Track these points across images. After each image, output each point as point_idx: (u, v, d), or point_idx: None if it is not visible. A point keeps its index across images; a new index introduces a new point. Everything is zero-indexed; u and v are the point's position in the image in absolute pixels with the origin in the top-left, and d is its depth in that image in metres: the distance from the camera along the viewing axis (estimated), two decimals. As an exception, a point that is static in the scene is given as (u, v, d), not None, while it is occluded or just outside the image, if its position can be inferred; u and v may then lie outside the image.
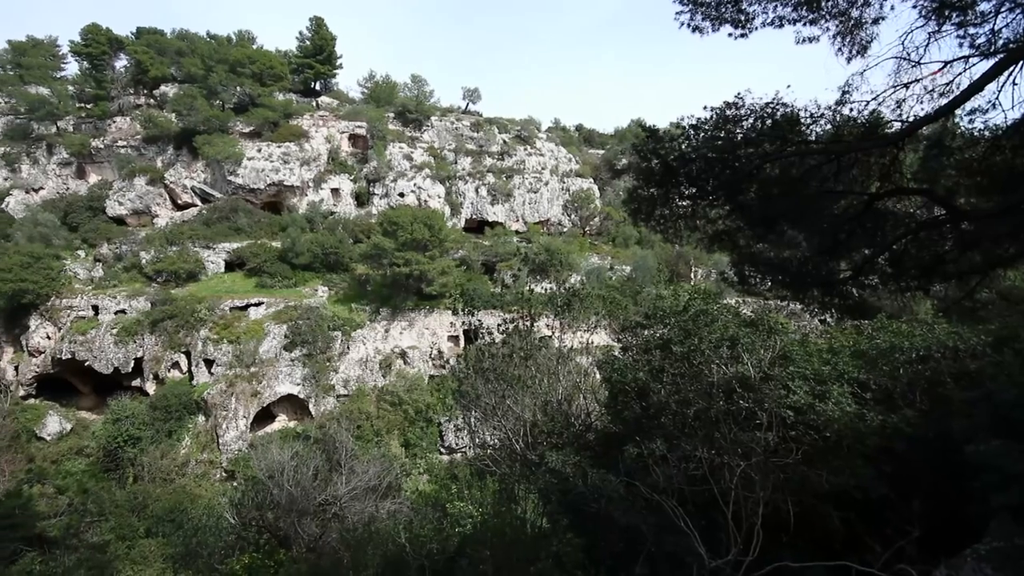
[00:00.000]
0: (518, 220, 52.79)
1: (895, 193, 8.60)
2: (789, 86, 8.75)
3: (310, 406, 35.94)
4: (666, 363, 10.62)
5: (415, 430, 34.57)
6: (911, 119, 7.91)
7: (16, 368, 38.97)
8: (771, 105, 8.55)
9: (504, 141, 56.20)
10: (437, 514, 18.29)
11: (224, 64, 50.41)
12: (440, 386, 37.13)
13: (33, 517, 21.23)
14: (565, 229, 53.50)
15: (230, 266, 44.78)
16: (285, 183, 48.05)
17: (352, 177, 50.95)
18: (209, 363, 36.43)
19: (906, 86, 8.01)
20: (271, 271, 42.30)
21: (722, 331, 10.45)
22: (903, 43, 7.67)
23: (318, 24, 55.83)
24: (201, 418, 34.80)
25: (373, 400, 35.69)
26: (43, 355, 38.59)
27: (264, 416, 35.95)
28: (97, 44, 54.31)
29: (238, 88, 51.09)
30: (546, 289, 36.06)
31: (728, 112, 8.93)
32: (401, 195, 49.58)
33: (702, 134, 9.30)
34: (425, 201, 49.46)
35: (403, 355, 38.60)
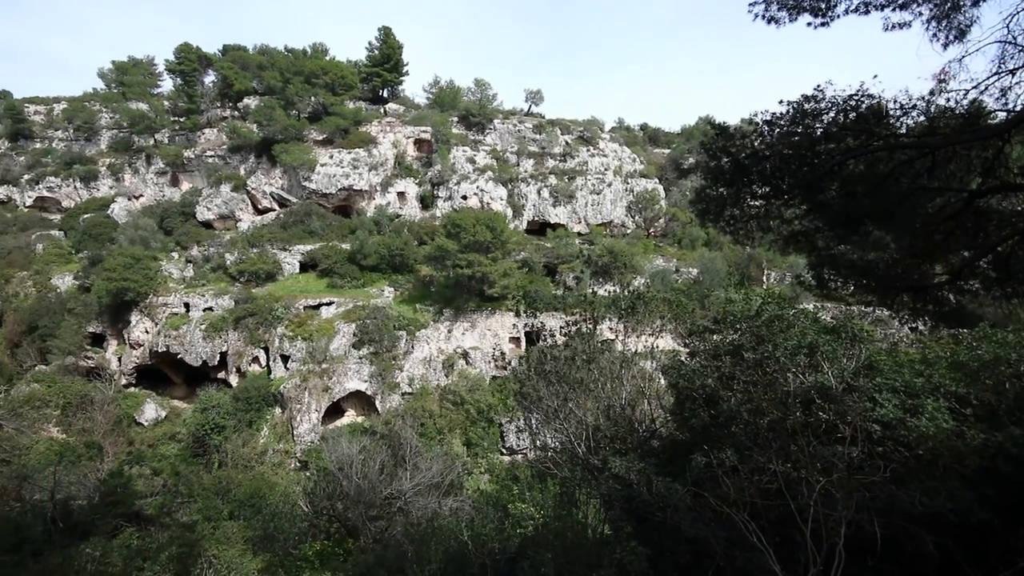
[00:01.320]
0: (580, 222, 52.33)
1: (1000, 190, 7.83)
2: (876, 76, 8.14)
3: (376, 402, 37.29)
4: (737, 370, 10.20)
5: (476, 430, 35.06)
6: (1018, 108, 7.17)
7: (119, 359, 43.03)
8: (855, 97, 8.01)
9: (566, 142, 55.94)
10: (498, 514, 18.45)
11: (300, 76, 53.42)
12: (502, 387, 37.47)
13: (132, 496, 23.19)
14: (629, 231, 52.44)
15: (304, 267, 47.32)
16: (355, 187, 50.20)
17: (417, 181, 52.50)
18: (285, 358, 38.65)
19: (1012, 72, 7.26)
20: (341, 272, 44.31)
21: (799, 338, 9.89)
22: (1008, 25, 6.96)
23: (386, 34, 57.96)
24: (278, 410, 36.91)
25: (436, 399, 36.51)
26: (142, 348, 42.33)
27: (334, 410, 37.65)
28: (188, 62, 59.13)
29: (312, 98, 53.94)
30: (609, 292, 35.56)
31: (807, 106, 8.46)
32: (464, 198, 50.53)
33: (777, 130, 8.86)
34: (487, 203, 50.14)
35: (465, 355, 39.27)
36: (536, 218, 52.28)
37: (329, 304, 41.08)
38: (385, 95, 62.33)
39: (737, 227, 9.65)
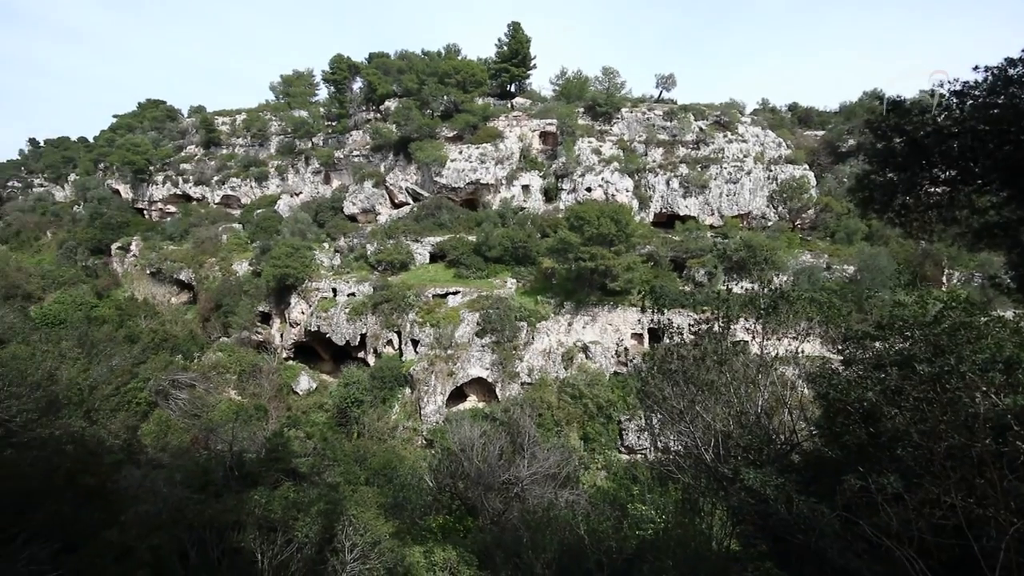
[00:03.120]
0: (713, 214, 48.82)
1: None
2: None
3: (497, 390, 38.48)
4: (906, 384, 8.77)
5: (594, 425, 34.63)
6: None
7: (281, 335, 49.40)
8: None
9: (700, 128, 52.49)
10: (616, 513, 18.03)
11: (434, 77, 56.54)
12: (622, 384, 36.54)
13: (290, 454, 26.49)
14: (770, 223, 47.73)
15: (434, 257, 50.22)
16: (481, 181, 52.04)
17: (541, 173, 52.94)
18: (415, 343, 41.43)
19: None
20: (467, 263, 46.29)
21: (993, 351, 8.20)
22: None
23: (515, 29, 59.00)
24: (408, 390, 39.73)
25: (554, 391, 36.69)
26: (299, 326, 48.10)
27: (457, 394, 39.59)
28: (340, 71, 65.53)
29: (445, 97, 56.82)
30: (745, 289, 32.84)
31: (1012, 71, 6.87)
32: (588, 190, 49.89)
33: (970, 102, 7.35)
34: (612, 195, 48.99)
35: (585, 349, 38.92)
36: (664, 210, 49.86)
37: (455, 293, 43.12)
38: (512, 90, 63.59)
39: (910, 218, 8.24)
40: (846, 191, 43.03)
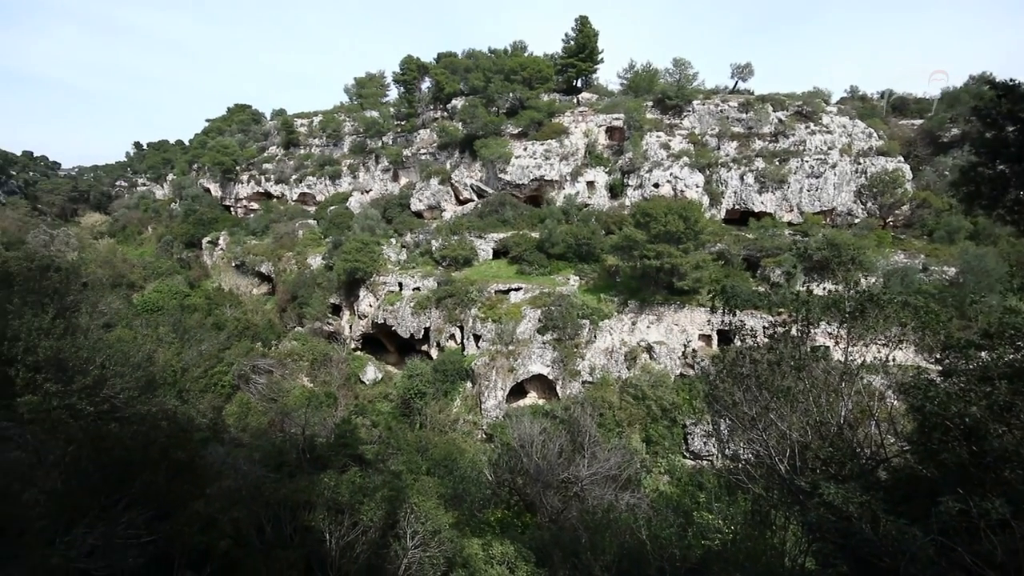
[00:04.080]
0: (792, 210, 45.74)
1: None
2: None
3: (557, 387, 38.25)
4: (1018, 400, 7.85)
5: (658, 428, 33.63)
6: None
7: (350, 327, 51.59)
8: None
9: (779, 120, 49.46)
10: (680, 520, 17.41)
11: (500, 74, 56.86)
12: (689, 386, 35.24)
13: (357, 441, 27.64)
14: (857, 220, 44.02)
15: (496, 254, 50.62)
16: (545, 178, 51.80)
17: (607, 169, 51.99)
18: (477, 338, 41.96)
19: None
20: (529, 259, 46.30)
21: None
22: None
23: (582, 23, 58.22)
24: (469, 384, 40.30)
25: (616, 391, 35.98)
26: (367, 319, 50.03)
27: (517, 390, 39.71)
28: (410, 71, 67.40)
29: (510, 94, 57.02)
30: (827, 291, 30.55)
31: None
32: (656, 186, 48.42)
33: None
34: (681, 191, 47.26)
35: (649, 349, 37.87)
36: (737, 206, 47.42)
37: (517, 289, 43.25)
38: (579, 85, 62.83)
39: None
40: (948, 185, 39.13)
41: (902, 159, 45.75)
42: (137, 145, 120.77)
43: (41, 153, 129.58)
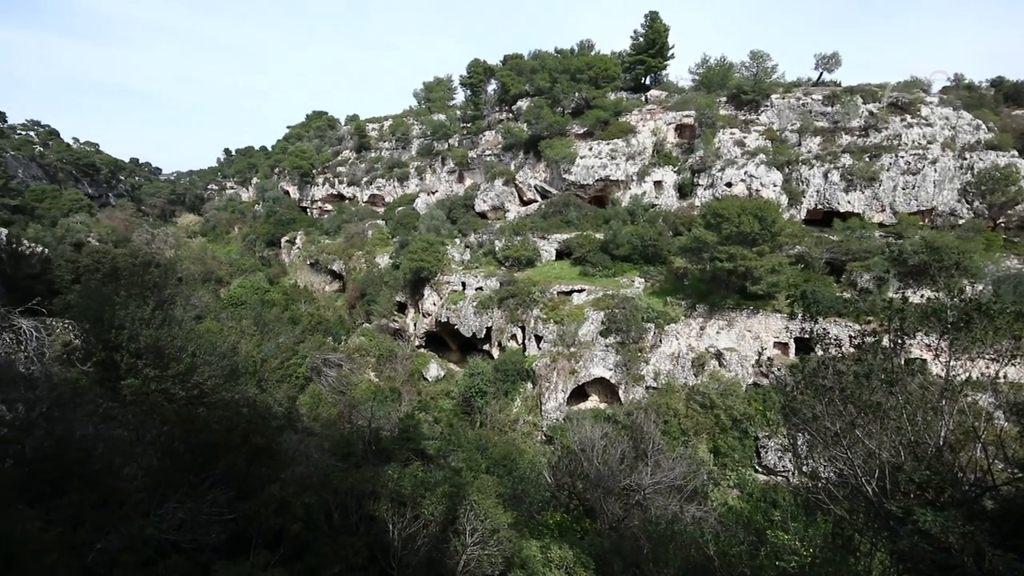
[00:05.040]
0: (884, 210, 41.99)
1: None
2: None
3: (620, 392, 37.31)
4: None
5: (727, 439, 31.97)
6: None
7: (414, 324, 52.86)
8: None
9: (870, 113, 45.74)
10: (751, 537, 16.35)
11: (566, 74, 56.42)
12: (763, 396, 33.28)
13: (419, 436, 28.22)
14: (961, 221, 39.75)
15: (560, 254, 50.20)
16: (611, 178, 50.81)
17: (676, 168, 50.27)
18: (538, 338, 41.72)
19: None
20: (593, 261, 45.54)
21: None
22: None
23: (652, 18, 56.72)
24: (529, 385, 40.13)
25: (682, 398, 34.59)
26: (431, 317, 51.08)
27: (579, 393, 39.09)
28: (476, 75, 68.35)
29: (576, 94, 56.46)
30: (925, 298, 27.85)
31: None
32: (728, 185, 46.22)
33: None
34: (757, 190, 44.82)
35: (719, 356, 36.13)
36: (820, 206, 44.22)
37: (580, 291, 42.64)
38: (647, 82, 61.27)
39: None
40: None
41: (1016, 153, 40.93)
42: (227, 151, 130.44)
43: (145, 160, 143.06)
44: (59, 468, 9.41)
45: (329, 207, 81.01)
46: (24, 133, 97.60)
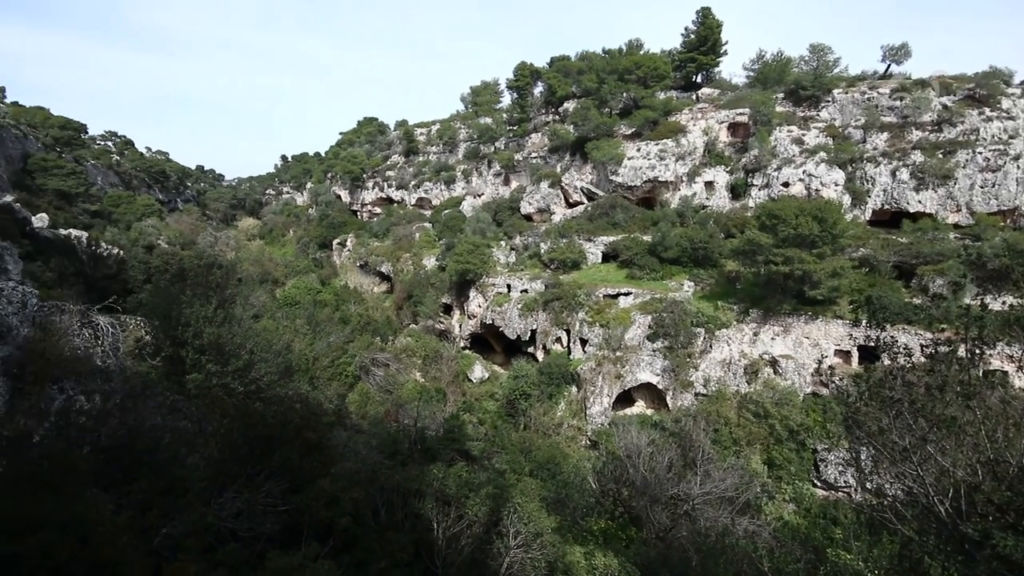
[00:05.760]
0: (959, 210, 38.95)
1: None
2: None
3: (667, 398, 36.35)
4: None
5: (782, 450, 30.51)
6: None
7: (460, 326, 53.38)
8: None
9: (943, 106, 42.72)
10: (809, 555, 15.51)
11: (614, 74, 55.68)
12: (822, 407, 31.57)
13: (464, 437, 28.43)
14: (1048, 221, 36.63)
15: (606, 257, 49.48)
16: (659, 179, 49.69)
17: (728, 169, 48.62)
18: (583, 342, 41.25)
19: None
20: (640, 263, 44.63)
21: None
22: None
23: (704, 14, 55.21)
24: (574, 388, 39.72)
25: (734, 406, 33.31)
26: (476, 319, 51.46)
27: (624, 398, 38.36)
28: (523, 77, 68.49)
29: (624, 94, 55.59)
30: (1008, 306, 25.77)
31: None
32: (785, 185, 44.22)
33: None
34: (816, 190, 42.67)
35: (774, 363, 34.58)
36: (887, 206, 41.47)
37: (627, 294, 41.88)
38: (699, 80, 59.67)
39: None
40: None
41: (1115, 147, 37.25)
42: (283, 158, 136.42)
43: (210, 167, 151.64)
44: (130, 456, 9.99)
45: (378, 210, 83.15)
46: (103, 143, 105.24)
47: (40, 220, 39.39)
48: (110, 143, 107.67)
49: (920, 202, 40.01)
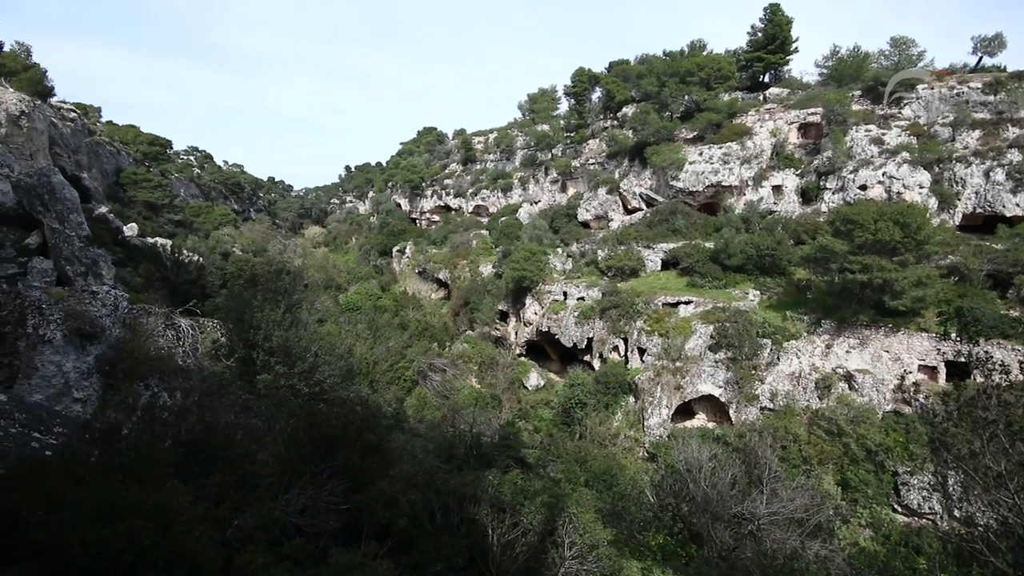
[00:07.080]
0: (1061, 213, 35.38)
1: None
2: None
3: (730, 411, 34.78)
4: None
5: (858, 471, 28.39)
6: None
7: (515, 333, 53.50)
8: None
9: (1045, 100, 38.98)
10: (892, 587, 14.37)
11: (675, 77, 54.35)
12: (904, 426, 29.17)
13: (519, 444, 28.38)
14: None
15: (665, 265, 48.18)
16: (723, 183, 47.93)
17: (798, 172, 46.19)
18: (642, 351, 40.24)
19: None
20: (702, 271, 43.12)
21: None
22: None
23: (772, 11, 52.94)
24: (631, 399, 38.78)
25: (804, 422, 31.38)
26: (531, 326, 51.40)
27: (684, 410, 37.04)
28: (581, 83, 68.19)
29: (685, 97, 54.14)
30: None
31: None
32: (863, 187, 41.41)
33: None
34: (898, 193, 39.71)
35: (849, 378, 32.33)
36: (979, 209, 37.98)
37: (687, 303, 40.56)
38: (766, 80, 57.23)
39: None
40: None
41: None
42: (347, 168, 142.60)
43: (280, 178, 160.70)
44: (207, 450, 10.61)
45: (436, 218, 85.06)
46: (185, 157, 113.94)
47: (130, 229, 42.94)
48: (192, 157, 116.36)
49: (1018, 205, 36.34)
